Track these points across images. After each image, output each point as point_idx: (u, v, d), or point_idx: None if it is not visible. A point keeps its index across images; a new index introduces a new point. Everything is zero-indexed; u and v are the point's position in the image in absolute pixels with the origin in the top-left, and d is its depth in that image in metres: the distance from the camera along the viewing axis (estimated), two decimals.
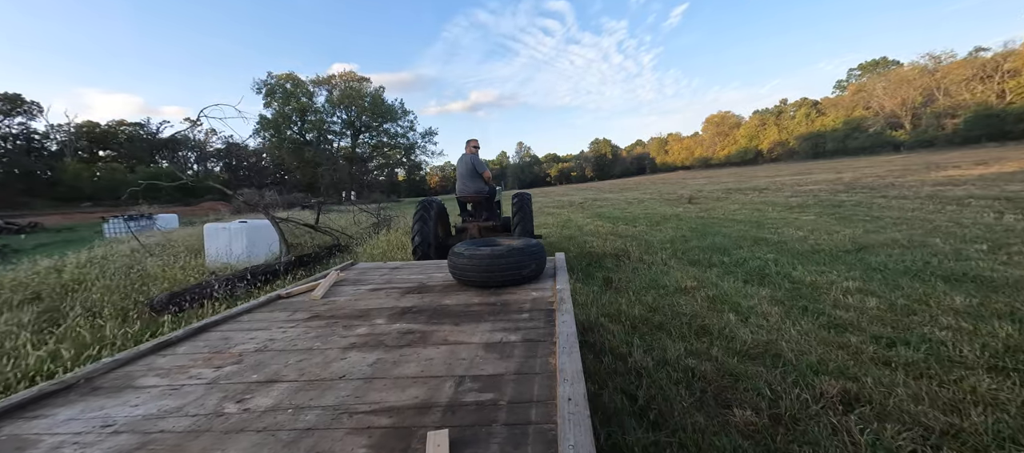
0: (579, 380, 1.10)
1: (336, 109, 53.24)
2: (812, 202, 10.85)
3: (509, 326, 1.66)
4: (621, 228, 9.08)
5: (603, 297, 4.09)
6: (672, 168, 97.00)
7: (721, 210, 11.01)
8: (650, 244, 6.81)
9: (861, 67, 73.42)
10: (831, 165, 34.75)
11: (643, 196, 19.44)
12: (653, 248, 6.43)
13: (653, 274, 4.84)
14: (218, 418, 1.09)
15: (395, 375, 1.29)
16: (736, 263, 5.08)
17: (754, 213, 9.82)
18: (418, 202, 5.32)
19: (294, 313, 2.03)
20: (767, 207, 10.79)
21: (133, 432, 1.05)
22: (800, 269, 4.56)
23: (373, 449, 0.92)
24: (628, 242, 6.98)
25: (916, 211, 7.78)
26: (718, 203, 12.96)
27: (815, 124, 67.30)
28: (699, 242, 6.59)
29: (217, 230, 7.12)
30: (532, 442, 0.91)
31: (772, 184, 18.84)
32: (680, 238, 7.15)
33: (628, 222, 10.06)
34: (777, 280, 4.24)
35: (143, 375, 1.40)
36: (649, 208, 13.39)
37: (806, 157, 62.94)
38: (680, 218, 10.02)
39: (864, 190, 12.56)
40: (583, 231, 9.07)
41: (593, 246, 6.94)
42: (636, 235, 7.92)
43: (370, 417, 1.05)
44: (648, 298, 3.96)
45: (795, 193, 13.70)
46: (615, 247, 6.58)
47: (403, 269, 2.99)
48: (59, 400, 1.24)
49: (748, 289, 4.03)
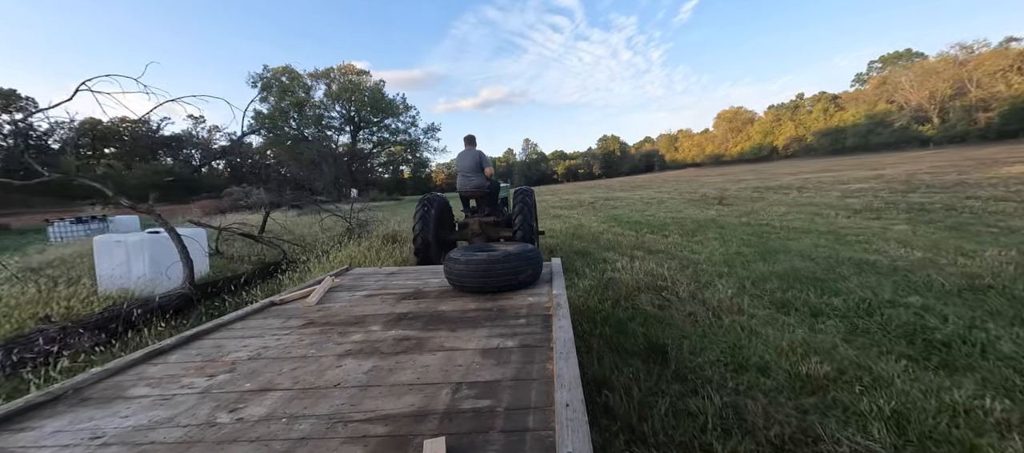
0: (577, 386, 1.08)
1: (335, 103, 50.82)
2: (880, 204, 8.80)
3: (506, 332, 1.64)
4: (648, 239, 7.12)
5: (657, 399, 2.15)
6: (682, 165, 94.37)
7: (765, 214, 9.00)
8: (697, 267, 4.86)
9: (883, 60, 70.23)
10: (858, 162, 32.24)
11: (661, 195, 17.37)
12: (705, 275, 4.49)
13: (730, 335, 2.89)
14: (210, 428, 1.07)
15: (391, 382, 1.27)
16: (860, 310, 3.13)
17: (813, 219, 7.81)
18: (421, 198, 5.20)
19: (288, 320, 2.00)
20: (823, 210, 8.75)
21: (123, 444, 1.03)
22: (992, 327, 2.61)
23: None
24: (665, 263, 5.04)
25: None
26: (755, 205, 10.93)
27: (834, 119, 64.37)
28: (768, 265, 4.63)
29: (110, 245, 5.28)
30: (530, 449, 0.91)
31: (803, 182, 16.70)
32: (737, 257, 5.19)
33: (655, 230, 8.09)
34: (977, 360, 2.29)
35: (133, 385, 1.36)
36: (674, 210, 11.38)
37: (825, 153, 60.10)
38: (719, 225, 8.03)
39: (934, 190, 10.45)
40: (599, 242, 7.13)
41: (616, 267, 5.01)
42: (672, 250, 5.97)
43: (365, 426, 1.04)
44: (751, 404, 2.03)
45: (847, 193, 11.61)
46: (649, 273, 4.63)
47: (399, 274, 2.94)
48: (46, 412, 1.21)
49: (935, 379, 2.10)
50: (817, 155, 60.84)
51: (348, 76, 50.61)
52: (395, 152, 58.19)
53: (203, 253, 6.21)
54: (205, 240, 6.31)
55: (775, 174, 26.23)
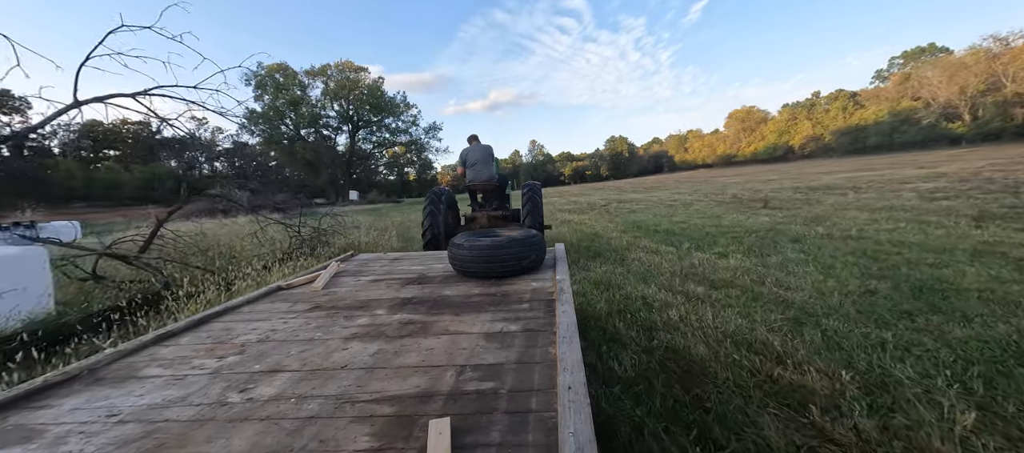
0: (579, 369, 1.08)
1: (333, 102, 48.27)
2: (1001, 210, 6.56)
3: (509, 316, 1.62)
4: (698, 260, 4.95)
5: None
6: (693, 166, 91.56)
7: (840, 221, 6.79)
8: (819, 324, 2.71)
9: (904, 55, 67.07)
10: (891, 160, 29.62)
11: (682, 197, 15.13)
12: (855, 352, 2.34)
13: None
14: (222, 407, 1.08)
15: (396, 365, 1.27)
16: None
17: (924, 230, 5.59)
18: (429, 192, 5.19)
19: (295, 304, 1.99)
20: (925, 217, 6.53)
21: (138, 421, 1.04)
22: None
23: (375, 437, 0.92)
24: (754, 313, 2.91)
25: None
26: (813, 209, 8.71)
27: (854, 117, 61.37)
28: (967, 328, 2.48)
29: None
30: (532, 430, 0.91)
31: (852, 182, 14.41)
32: (875, 303, 3.03)
33: (700, 243, 5.92)
34: None
35: (146, 366, 1.37)
36: (709, 215, 9.19)
37: (844, 153, 57.15)
38: (791, 237, 5.84)
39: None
40: (627, 264, 4.99)
41: (670, 322, 2.89)
42: (746, 283, 3.80)
43: (372, 406, 1.05)
44: None
45: (926, 194, 9.33)
46: (741, 338, 2.50)
47: (403, 260, 2.92)
48: (63, 391, 1.22)
49: None
50: (836, 155, 57.88)
51: (346, 73, 48.31)
52: (399, 153, 55.79)
53: (42, 282, 4.20)
54: (46, 263, 4.29)
55: (803, 174, 23.85)
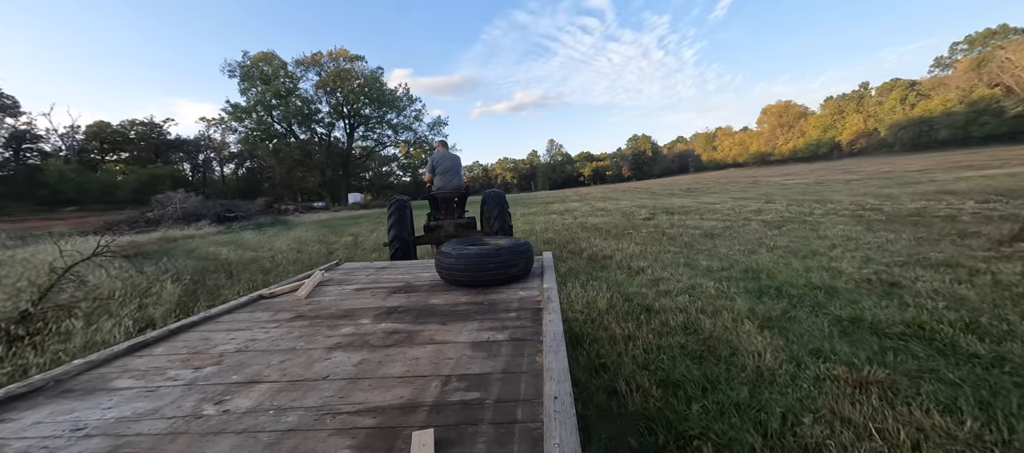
0: (565, 379, 1.07)
1: (325, 95, 43.78)
2: None
3: (496, 325, 1.62)
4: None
5: None
6: (722, 165, 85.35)
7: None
8: None
9: (969, 40, 59.73)
10: (990, 155, 24.20)
11: (759, 205, 10.72)
12: None
13: None
14: (196, 420, 1.05)
15: (380, 375, 1.25)
16: None
17: None
18: (392, 200, 5.27)
19: (277, 313, 1.96)
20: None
21: (105, 435, 1.00)
22: None
23: (357, 449, 0.90)
24: None
25: None
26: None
27: (916, 109, 54.62)
28: None
29: None
30: (518, 441, 0.90)
31: (1008, 188, 9.82)
32: None
33: None
34: None
35: (117, 377, 1.33)
36: (891, 252, 4.97)
37: (904, 149, 50.68)
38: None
39: None
40: None
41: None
42: None
43: (354, 417, 1.03)
44: None
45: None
46: None
47: (389, 269, 2.88)
48: (25, 403, 1.18)
49: None
50: (892, 152, 51.48)
51: (339, 61, 43.24)
52: (413, 154, 50.90)
53: None
54: None
55: (888, 173, 19.00)
